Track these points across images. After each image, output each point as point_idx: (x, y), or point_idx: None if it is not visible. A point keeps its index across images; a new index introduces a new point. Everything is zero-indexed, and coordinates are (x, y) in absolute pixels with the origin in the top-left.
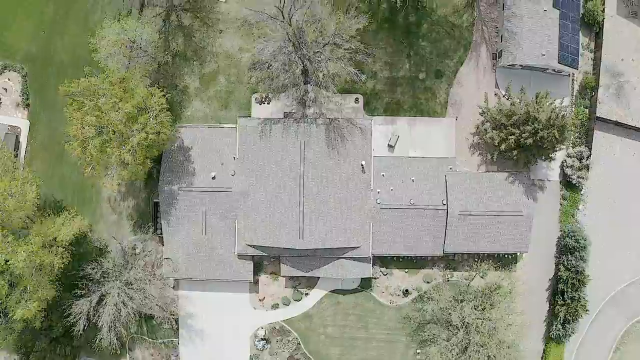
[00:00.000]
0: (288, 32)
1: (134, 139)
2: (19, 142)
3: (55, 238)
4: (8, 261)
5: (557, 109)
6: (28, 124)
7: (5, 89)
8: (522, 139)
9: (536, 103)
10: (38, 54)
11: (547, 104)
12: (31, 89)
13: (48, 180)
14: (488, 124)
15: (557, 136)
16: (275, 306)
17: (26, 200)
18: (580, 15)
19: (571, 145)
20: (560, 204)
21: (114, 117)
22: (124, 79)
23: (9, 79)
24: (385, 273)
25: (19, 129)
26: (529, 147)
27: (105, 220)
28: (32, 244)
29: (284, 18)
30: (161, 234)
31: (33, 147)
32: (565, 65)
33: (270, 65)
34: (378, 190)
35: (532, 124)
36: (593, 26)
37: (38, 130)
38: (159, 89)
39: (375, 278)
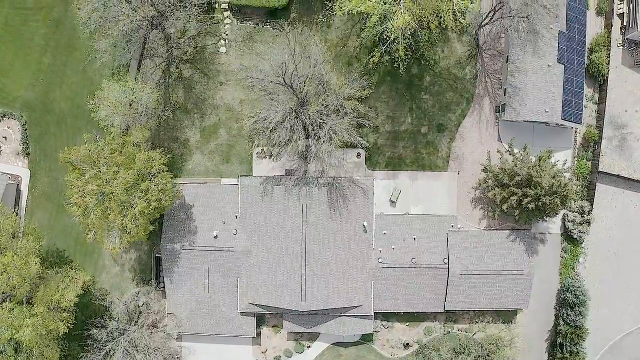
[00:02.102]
0: (290, 105)
1: (137, 209)
2: (20, 191)
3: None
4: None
5: (560, 175)
6: (29, 173)
7: (6, 138)
8: (524, 203)
9: (539, 166)
10: (37, 102)
11: (550, 167)
12: (31, 137)
13: (50, 229)
14: (490, 181)
15: (559, 204)
16: (277, 359)
17: (30, 271)
18: (585, 67)
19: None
20: (561, 257)
21: (115, 186)
22: (124, 143)
23: (8, 127)
24: (386, 326)
25: (20, 178)
26: (531, 210)
27: (108, 272)
28: (37, 316)
29: (285, 83)
30: (164, 288)
31: (34, 197)
32: (569, 121)
33: (274, 129)
34: (380, 249)
35: (535, 188)
36: (597, 78)
37: (39, 179)
38: (159, 148)
39: (376, 332)
